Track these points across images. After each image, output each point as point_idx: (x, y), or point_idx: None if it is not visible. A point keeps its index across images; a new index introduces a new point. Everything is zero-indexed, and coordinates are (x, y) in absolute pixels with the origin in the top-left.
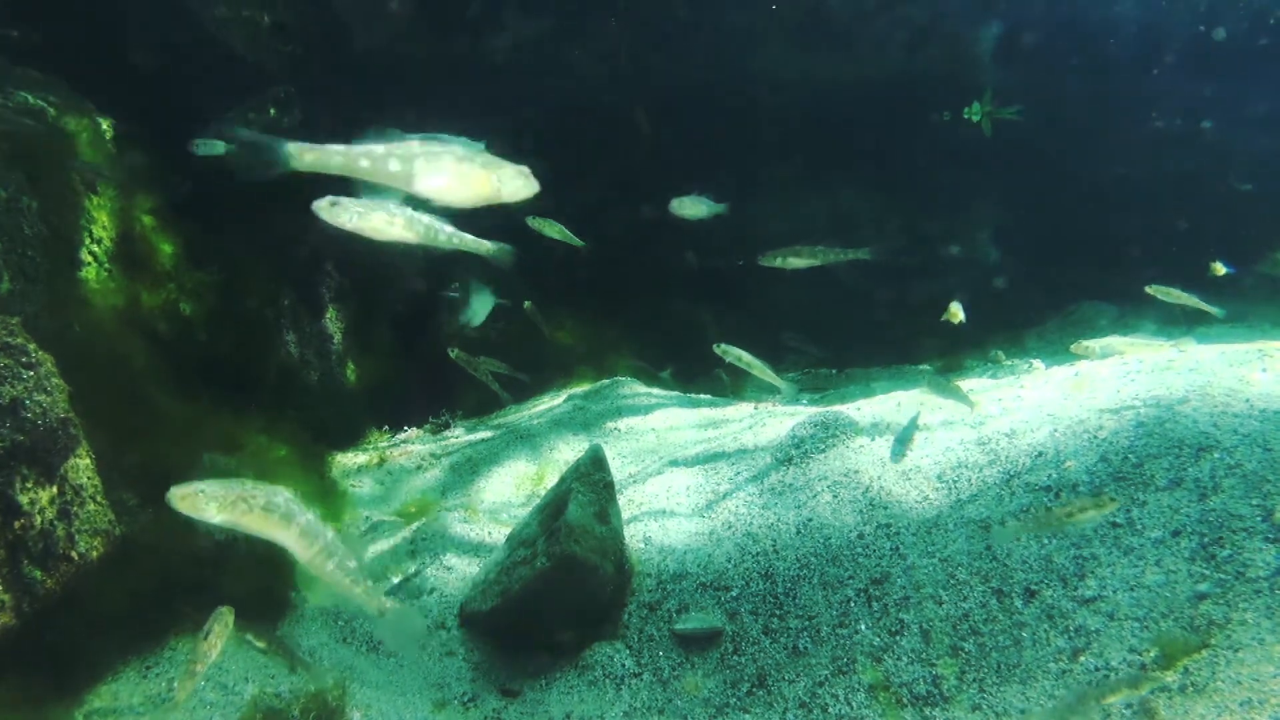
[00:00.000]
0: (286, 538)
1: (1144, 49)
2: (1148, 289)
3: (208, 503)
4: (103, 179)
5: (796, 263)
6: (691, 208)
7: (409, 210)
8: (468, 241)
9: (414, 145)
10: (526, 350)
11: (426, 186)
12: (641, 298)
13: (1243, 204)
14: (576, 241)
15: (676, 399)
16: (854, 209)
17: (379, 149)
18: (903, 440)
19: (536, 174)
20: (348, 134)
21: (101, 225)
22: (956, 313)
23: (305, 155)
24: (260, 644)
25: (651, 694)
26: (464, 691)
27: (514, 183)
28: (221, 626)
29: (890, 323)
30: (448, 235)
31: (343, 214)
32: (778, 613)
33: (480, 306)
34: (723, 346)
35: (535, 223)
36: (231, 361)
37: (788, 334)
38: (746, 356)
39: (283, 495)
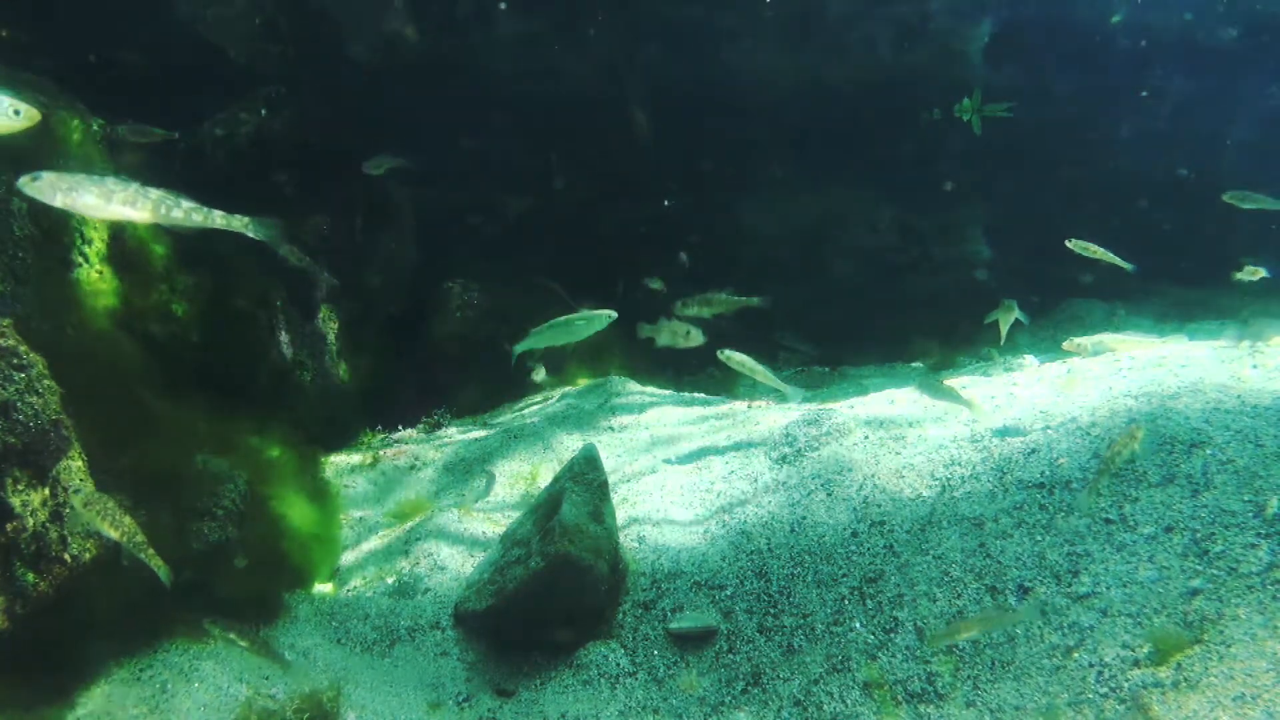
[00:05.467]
0: None
1: (1135, 46)
2: (1067, 243)
3: None
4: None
5: (706, 310)
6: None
7: (135, 184)
8: (217, 219)
9: None
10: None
11: None
12: (634, 296)
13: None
14: (400, 162)
15: (670, 397)
16: (846, 207)
17: None
18: (896, 438)
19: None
20: (341, 134)
21: (93, 226)
22: (1011, 313)
23: None
24: (244, 643)
25: (646, 693)
26: (459, 692)
27: None
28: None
29: (883, 321)
30: (186, 210)
31: (47, 190)
32: (772, 611)
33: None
34: (725, 353)
35: (372, 166)
36: (224, 362)
37: (781, 333)
38: (750, 362)
39: None
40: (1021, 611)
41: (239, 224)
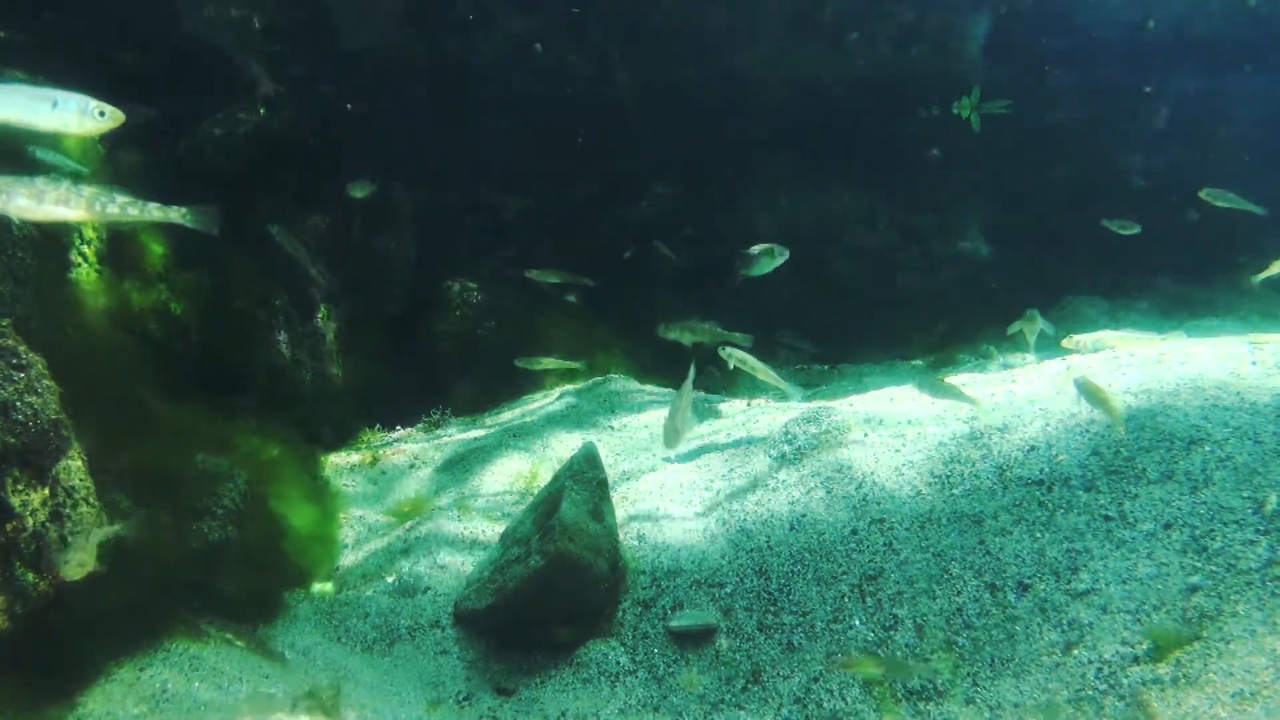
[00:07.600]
0: None
1: (1133, 43)
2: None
3: None
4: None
5: (688, 337)
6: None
7: (65, 183)
8: (153, 211)
9: None
10: (517, 349)
11: None
12: (632, 296)
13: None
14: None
15: (670, 396)
16: (845, 204)
17: None
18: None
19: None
20: (340, 135)
21: (91, 226)
22: (1035, 323)
23: None
24: (241, 643)
25: (646, 691)
26: (459, 690)
27: None
28: None
29: (883, 318)
30: (121, 205)
31: None
32: (772, 609)
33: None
34: (727, 350)
35: (355, 189)
36: (223, 362)
37: (781, 331)
38: (751, 360)
39: None
40: (931, 664)
41: (176, 215)
